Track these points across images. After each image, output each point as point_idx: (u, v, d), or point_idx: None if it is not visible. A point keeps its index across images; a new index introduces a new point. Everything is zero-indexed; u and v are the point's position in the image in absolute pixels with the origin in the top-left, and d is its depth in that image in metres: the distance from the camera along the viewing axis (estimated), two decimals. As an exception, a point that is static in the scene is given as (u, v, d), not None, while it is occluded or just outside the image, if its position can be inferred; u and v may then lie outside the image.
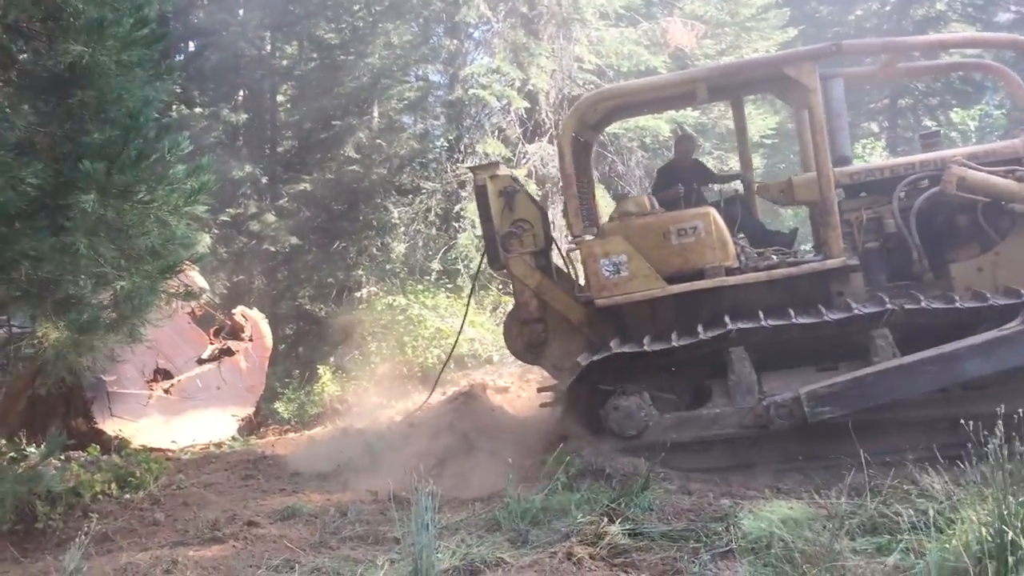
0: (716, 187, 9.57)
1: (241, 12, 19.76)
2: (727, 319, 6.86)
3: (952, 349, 6.37)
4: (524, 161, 15.88)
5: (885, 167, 7.61)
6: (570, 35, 15.91)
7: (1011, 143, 7.47)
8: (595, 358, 6.94)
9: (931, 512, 4.18)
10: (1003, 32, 25.39)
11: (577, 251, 7.59)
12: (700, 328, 6.88)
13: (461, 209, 15.59)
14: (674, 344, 6.77)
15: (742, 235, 7.75)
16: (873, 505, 5.05)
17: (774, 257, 7.36)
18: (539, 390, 8.87)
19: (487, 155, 15.57)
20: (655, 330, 7.25)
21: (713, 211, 7.30)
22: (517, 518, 5.44)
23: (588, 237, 7.44)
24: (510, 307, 14.74)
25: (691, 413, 6.94)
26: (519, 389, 11.46)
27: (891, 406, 6.51)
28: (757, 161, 22.13)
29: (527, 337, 7.84)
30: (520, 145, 16.06)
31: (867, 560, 4.28)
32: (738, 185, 9.66)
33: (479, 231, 15.02)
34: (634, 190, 18.03)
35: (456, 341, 10.76)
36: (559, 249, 8.92)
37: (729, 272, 7.14)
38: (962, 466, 4.72)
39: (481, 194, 7.87)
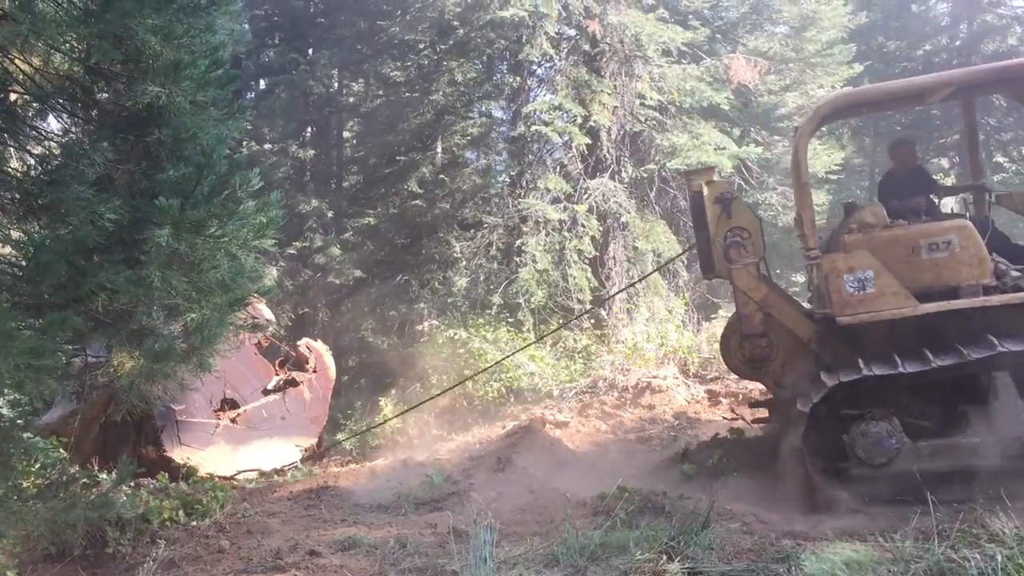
0: (953, 200, 8.94)
1: (311, 51, 20.28)
2: (995, 340, 6.37)
3: None
4: (585, 197, 15.95)
5: None
6: (632, 72, 16.01)
7: None
8: (848, 378, 6.52)
9: (999, 558, 4.07)
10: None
11: (815, 265, 7.11)
12: (964, 350, 6.40)
13: (522, 244, 15.69)
14: (935, 364, 6.38)
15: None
16: (940, 550, 4.92)
17: None
18: (751, 405, 8.74)
19: (548, 190, 15.67)
20: (892, 351, 6.72)
21: (969, 224, 6.84)
22: (575, 554, 5.43)
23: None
24: (570, 342, 14.85)
25: (948, 441, 6.50)
26: (578, 424, 11.45)
27: None
28: (822, 197, 21.91)
29: (748, 352, 7.52)
30: (581, 181, 16.14)
31: (933, 606, 4.18)
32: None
33: (540, 265, 15.13)
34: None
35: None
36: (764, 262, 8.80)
37: (987, 291, 6.67)
38: None
39: (696, 200, 7.63)
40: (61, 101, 5.54)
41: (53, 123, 5.85)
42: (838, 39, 18.38)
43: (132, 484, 7.53)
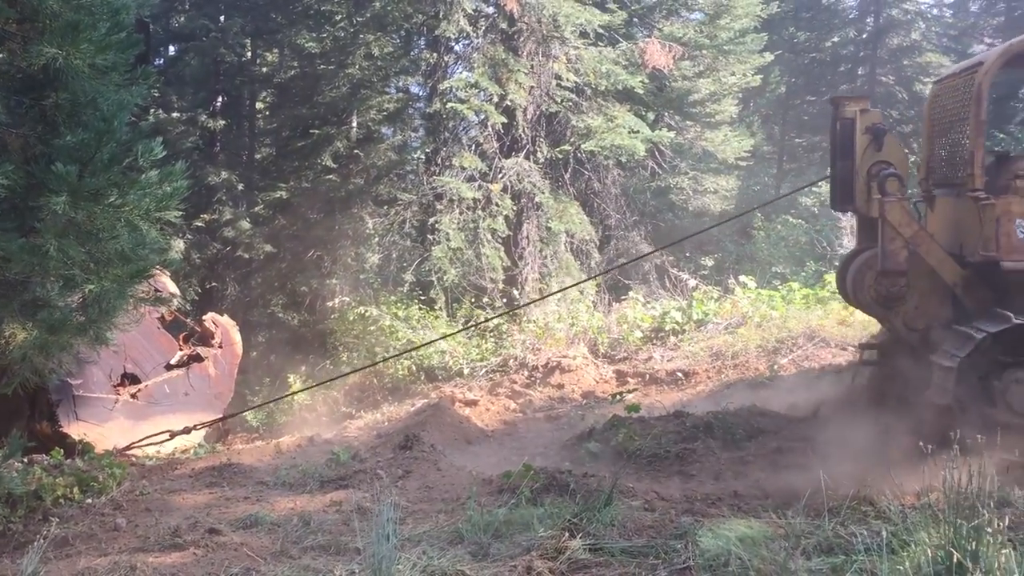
0: None
1: (222, 18, 19.74)
2: None
3: None
4: (500, 176, 15.95)
5: None
6: (549, 52, 16.03)
7: None
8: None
9: (884, 533, 4.25)
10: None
11: (984, 206, 6.81)
12: None
13: (436, 222, 15.63)
14: None
15: None
16: (830, 525, 5.11)
17: None
18: (861, 346, 8.55)
19: (463, 168, 15.64)
20: None
21: None
22: (480, 531, 5.46)
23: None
24: (482, 319, 14.89)
25: None
26: (488, 402, 11.51)
27: None
28: (732, 182, 22.41)
29: (884, 289, 7.21)
30: (496, 160, 16.14)
31: (821, 579, 4.34)
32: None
33: (453, 244, 15.08)
34: (610, 208, 18.21)
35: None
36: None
37: None
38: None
39: (847, 127, 7.37)
40: (-49, 61, 5.29)
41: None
42: (751, 28, 18.71)
43: (25, 460, 7.28)
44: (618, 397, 10.17)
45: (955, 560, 3.62)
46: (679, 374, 12.03)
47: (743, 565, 4.47)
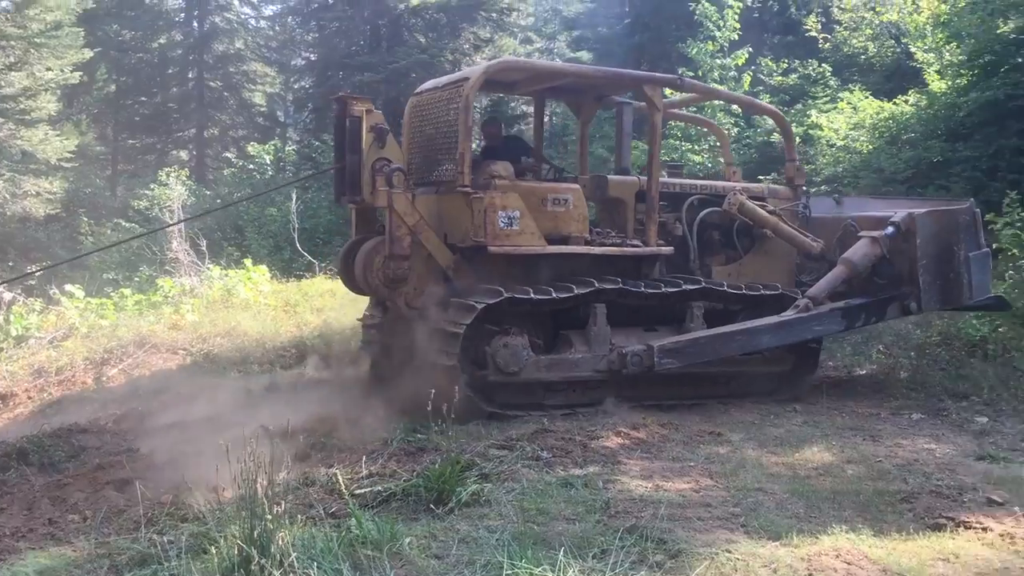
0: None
1: None
2: (594, 280, 7.94)
3: (755, 325, 8.22)
4: None
5: (676, 183, 9.33)
6: None
7: (759, 185, 10.04)
8: (509, 296, 7.66)
9: (184, 537, 4.34)
10: (302, 73, 28.01)
11: (474, 199, 7.84)
12: (572, 285, 7.89)
13: None
14: (576, 292, 7.84)
15: None
16: (147, 536, 5.06)
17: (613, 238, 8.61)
18: (365, 325, 9.17)
19: None
20: (506, 282, 7.82)
21: (580, 188, 8.43)
22: None
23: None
24: None
25: (560, 356, 7.96)
26: None
27: (709, 362, 8.17)
28: (59, 184, 20.99)
29: (391, 272, 7.90)
30: None
31: (124, 595, 4.29)
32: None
33: None
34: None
35: None
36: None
37: (587, 243, 8.24)
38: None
39: (355, 124, 7.91)
40: None
41: None
42: (66, 21, 17.72)
43: None
44: None
45: (239, 551, 3.86)
46: (-6, 398, 10.86)
47: (42, 599, 4.22)
